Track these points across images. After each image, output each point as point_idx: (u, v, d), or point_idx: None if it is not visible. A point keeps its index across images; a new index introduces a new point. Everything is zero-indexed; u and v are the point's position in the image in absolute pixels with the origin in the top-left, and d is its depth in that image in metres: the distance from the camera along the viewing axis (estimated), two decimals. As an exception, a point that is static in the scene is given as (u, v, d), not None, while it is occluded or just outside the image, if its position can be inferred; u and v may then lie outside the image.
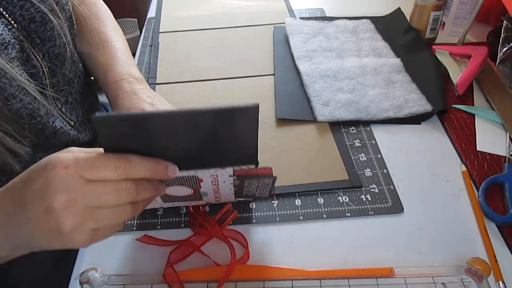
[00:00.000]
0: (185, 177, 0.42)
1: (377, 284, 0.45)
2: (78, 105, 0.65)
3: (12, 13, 0.50)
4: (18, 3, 0.50)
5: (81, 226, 0.34)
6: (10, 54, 0.48)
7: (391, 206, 0.53)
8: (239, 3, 1.01)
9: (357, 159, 0.59)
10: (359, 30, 0.85)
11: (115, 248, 0.50)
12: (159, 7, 1.01)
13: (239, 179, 0.45)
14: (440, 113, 0.66)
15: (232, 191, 0.48)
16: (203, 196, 0.49)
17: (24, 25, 0.51)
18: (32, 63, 0.52)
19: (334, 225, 0.52)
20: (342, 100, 0.67)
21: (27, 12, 0.51)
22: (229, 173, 0.43)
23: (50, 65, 0.56)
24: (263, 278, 0.46)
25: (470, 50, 0.75)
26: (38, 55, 0.53)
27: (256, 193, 0.50)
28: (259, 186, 0.47)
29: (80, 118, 0.65)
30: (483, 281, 0.44)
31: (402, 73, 0.74)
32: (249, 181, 0.45)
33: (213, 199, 0.50)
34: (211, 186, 0.46)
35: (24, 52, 0.51)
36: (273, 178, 0.45)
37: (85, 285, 0.45)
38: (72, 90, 0.63)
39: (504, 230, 0.50)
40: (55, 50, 0.56)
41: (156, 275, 0.46)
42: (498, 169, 0.57)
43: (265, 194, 0.50)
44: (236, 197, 0.51)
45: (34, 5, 0.51)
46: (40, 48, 0.54)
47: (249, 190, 0.48)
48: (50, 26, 0.54)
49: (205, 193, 0.48)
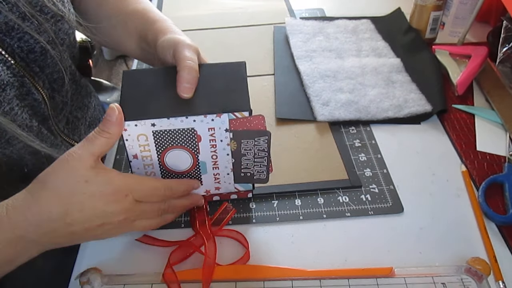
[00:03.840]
0: (183, 131, 0.45)
1: (377, 284, 0.45)
2: (79, 122, 0.65)
3: (10, 45, 0.48)
4: (16, 36, 0.49)
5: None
6: (9, 95, 0.47)
7: (391, 206, 0.53)
8: (239, 3, 1.01)
9: (357, 159, 0.59)
10: (359, 30, 0.85)
11: (115, 248, 0.50)
12: (159, 7, 1.01)
13: (235, 139, 0.46)
14: (440, 113, 0.67)
15: (230, 164, 0.48)
16: (203, 175, 0.48)
17: (22, 57, 0.50)
18: (33, 97, 0.51)
19: (334, 225, 0.52)
20: (342, 100, 0.67)
21: (26, 43, 0.50)
22: (225, 126, 0.45)
23: (50, 92, 0.55)
24: (263, 278, 0.46)
25: (470, 50, 0.75)
26: (38, 84, 0.52)
27: (255, 172, 0.49)
28: (256, 154, 0.47)
29: (82, 136, 0.64)
30: (483, 281, 0.44)
31: (402, 73, 0.74)
32: (245, 143, 0.46)
33: (211, 182, 0.50)
34: (209, 151, 0.46)
35: (24, 87, 0.50)
36: (268, 135, 0.46)
37: (85, 285, 0.45)
38: (72, 108, 0.63)
39: (504, 230, 0.50)
40: (54, 76, 0.55)
41: (156, 275, 0.46)
42: (498, 169, 0.57)
43: (263, 171, 0.49)
44: (236, 181, 0.50)
45: (33, 37, 0.50)
46: (40, 76, 0.53)
47: (247, 164, 0.48)
48: (49, 55, 0.53)
49: (204, 166, 0.48)
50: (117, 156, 0.62)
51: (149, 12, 0.58)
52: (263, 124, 0.46)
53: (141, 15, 0.58)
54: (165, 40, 0.50)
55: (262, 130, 0.46)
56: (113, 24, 0.61)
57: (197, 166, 0.48)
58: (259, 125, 0.46)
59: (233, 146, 0.47)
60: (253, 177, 0.50)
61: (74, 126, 0.64)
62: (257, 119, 0.45)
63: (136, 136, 0.45)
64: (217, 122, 0.44)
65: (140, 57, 0.61)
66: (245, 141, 0.47)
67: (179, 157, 0.47)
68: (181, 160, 0.47)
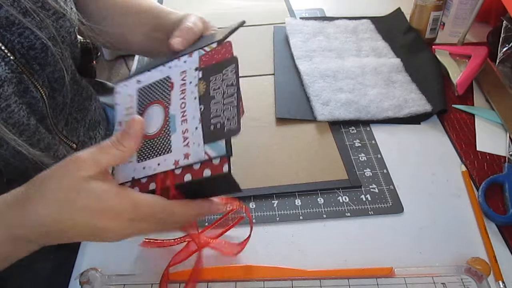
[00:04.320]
0: (160, 82, 0.45)
1: (377, 284, 0.45)
2: (79, 124, 0.65)
3: (10, 41, 0.48)
4: (17, 31, 0.48)
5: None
6: (6, 91, 0.46)
7: (391, 206, 0.53)
8: (239, 3, 1.01)
9: (357, 159, 0.59)
10: (359, 30, 0.85)
11: (115, 248, 0.50)
12: (159, 7, 1.00)
13: (204, 79, 0.42)
14: (440, 113, 0.66)
15: (198, 113, 0.41)
16: (172, 134, 0.43)
17: (23, 53, 0.49)
18: (32, 95, 0.51)
19: (334, 225, 0.52)
20: (342, 100, 0.67)
21: (27, 39, 0.49)
22: (195, 65, 0.43)
23: (49, 91, 0.54)
24: (263, 278, 0.46)
25: (470, 50, 0.75)
26: (37, 83, 0.51)
27: (225, 119, 0.40)
28: (225, 93, 0.41)
29: (81, 138, 0.64)
30: (483, 281, 0.44)
31: (402, 73, 0.74)
32: (214, 81, 0.42)
33: (180, 145, 0.42)
34: (179, 99, 0.43)
35: (23, 84, 0.49)
36: (235, 62, 0.41)
37: (85, 285, 0.45)
38: (72, 109, 0.62)
39: (504, 230, 0.50)
40: (55, 75, 0.54)
41: (156, 275, 0.46)
42: (498, 169, 0.57)
43: (234, 116, 0.40)
44: (205, 139, 0.40)
45: (34, 33, 0.49)
46: (40, 74, 0.52)
47: (216, 110, 0.41)
48: (51, 52, 0.52)
49: (173, 121, 0.43)
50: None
51: (159, 6, 0.62)
52: (231, 51, 0.42)
53: (154, 7, 0.61)
54: (179, 16, 0.55)
55: (228, 57, 0.41)
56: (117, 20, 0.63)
57: (167, 124, 0.43)
58: (226, 53, 0.42)
59: (202, 88, 0.42)
60: (224, 128, 0.40)
61: (73, 128, 0.63)
62: (225, 47, 0.42)
63: (124, 99, 0.45)
64: (188, 62, 0.43)
65: (145, 46, 0.63)
66: (213, 78, 0.42)
67: (153, 115, 0.44)
68: (154, 118, 0.44)
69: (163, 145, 0.43)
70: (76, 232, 0.38)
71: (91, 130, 0.69)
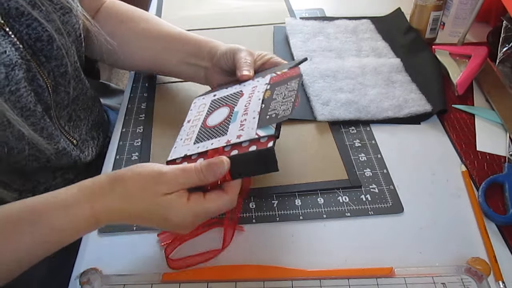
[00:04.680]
0: (233, 94, 0.54)
1: (377, 284, 0.45)
2: (82, 122, 0.66)
3: (18, 31, 0.50)
4: (25, 22, 0.50)
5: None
6: (17, 75, 0.48)
7: (391, 206, 0.53)
8: (240, 3, 1.01)
9: (357, 159, 0.59)
10: (359, 30, 0.85)
11: (115, 248, 0.50)
12: (160, 7, 1.01)
13: (270, 89, 0.50)
14: (440, 113, 0.66)
15: (259, 107, 0.48)
16: (231, 124, 0.49)
17: (30, 44, 0.51)
18: (38, 83, 0.52)
19: (334, 225, 0.52)
20: (342, 100, 0.67)
21: (34, 31, 0.51)
22: (266, 82, 0.52)
23: (54, 84, 0.56)
24: (263, 278, 0.46)
25: (470, 50, 0.75)
26: (43, 73, 0.53)
27: (280, 111, 0.46)
28: (285, 95, 0.47)
29: (83, 136, 0.65)
30: (483, 281, 0.44)
31: (402, 73, 0.74)
32: (278, 89, 0.49)
33: (236, 130, 0.47)
34: (245, 101, 0.51)
35: (31, 71, 0.51)
36: (299, 77, 0.49)
37: (85, 285, 0.45)
38: (76, 107, 0.64)
39: (504, 230, 0.50)
40: (60, 69, 0.56)
41: (156, 275, 0.46)
42: (498, 169, 0.57)
43: (288, 108, 0.46)
44: (259, 124, 0.46)
45: (41, 24, 0.51)
46: (45, 66, 0.54)
47: (275, 106, 0.47)
48: (56, 45, 0.54)
49: (235, 116, 0.49)
50: (117, 156, 0.62)
51: (190, 34, 0.67)
52: (298, 72, 0.51)
53: (184, 36, 0.66)
54: (227, 49, 0.60)
55: (294, 75, 0.50)
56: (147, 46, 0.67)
57: (229, 118, 0.50)
58: (294, 73, 0.50)
59: (267, 94, 0.49)
60: (277, 116, 0.46)
61: (76, 125, 0.64)
62: (294, 70, 0.51)
63: (199, 106, 0.57)
64: (261, 81, 0.53)
65: (181, 71, 0.68)
66: (278, 88, 0.50)
67: (219, 114, 0.52)
68: (219, 115, 0.51)
69: (220, 131, 0.49)
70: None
71: (94, 130, 0.69)
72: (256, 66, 0.59)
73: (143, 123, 0.67)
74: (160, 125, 0.66)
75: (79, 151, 0.62)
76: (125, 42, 0.66)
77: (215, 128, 0.50)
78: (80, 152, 0.62)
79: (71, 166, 0.61)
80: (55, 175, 0.61)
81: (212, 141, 0.48)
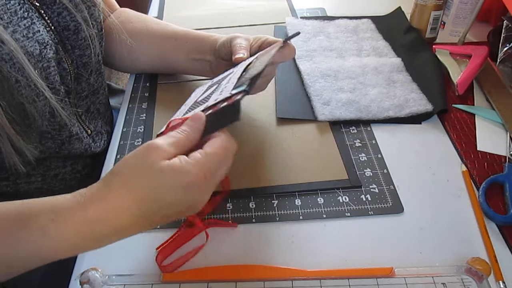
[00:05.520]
0: (224, 76, 0.55)
1: (377, 284, 0.45)
2: (99, 116, 0.69)
3: (50, 17, 0.54)
4: (56, 10, 0.55)
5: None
6: (48, 54, 0.51)
7: (391, 206, 0.53)
8: (241, 3, 1.01)
9: (357, 159, 0.59)
10: (359, 30, 0.85)
11: (115, 248, 0.50)
12: (161, 7, 1.01)
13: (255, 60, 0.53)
14: (440, 113, 0.66)
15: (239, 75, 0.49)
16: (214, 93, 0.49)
17: (59, 31, 0.55)
18: (63, 66, 0.56)
19: (334, 225, 0.52)
20: (343, 100, 0.67)
21: (63, 19, 0.55)
22: (256, 56, 0.55)
23: (77, 72, 0.59)
24: (263, 278, 0.46)
25: (471, 49, 0.75)
26: (67, 60, 0.57)
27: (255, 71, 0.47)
28: (263, 60, 0.50)
29: (98, 128, 0.68)
30: (483, 281, 0.44)
31: (403, 73, 0.74)
32: (261, 58, 0.52)
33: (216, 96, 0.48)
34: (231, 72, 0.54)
35: (58, 54, 0.54)
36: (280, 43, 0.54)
37: (85, 285, 0.45)
38: (96, 100, 0.67)
39: (504, 230, 0.50)
40: (83, 59, 0.59)
41: (156, 275, 0.46)
42: (499, 169, 0.57)
43: (262, 64, 0.48)
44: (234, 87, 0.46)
45: (70, 14, 0.55)
46: (70, 54, 0.57)
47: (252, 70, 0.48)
48: (82, 36, 0.58)
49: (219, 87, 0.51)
50: (118, 156, 0.62)
51: (193, 31, 0.69)
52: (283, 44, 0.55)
53: (188, 33, 0.69)
54: (225, 39, 0.62)
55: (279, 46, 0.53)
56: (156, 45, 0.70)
57: (215, 90, 0.51)
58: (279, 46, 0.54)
59: (251, 65, 0.51)
60: (252, 74, 0.47)
61: (93, 117, 0.67)
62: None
63: (197, 91, 0.58)
64: (251, 58, 0.55)
65: (188, 67, 0.70)
66: (262, 57, 0.52)
67: (209, 91, 0.53)
68: (208, 91, 0.53)
69: (204, 101, 0.49)
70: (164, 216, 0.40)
71: (109, 125, 0.73)
72: (252, 50, 0.59)
73: (144, 123, 0.67)
74: (161, 125, 0.66)
75: (92, 140, 0.65)
76: (137, 41, 0.70)
77: (201, 101, 0.51)
78: (93, 141, 0.65)
79: (81, 154, 0.63)
80: (65, 163, 0.62)
81: (198, 109, 0.48)
